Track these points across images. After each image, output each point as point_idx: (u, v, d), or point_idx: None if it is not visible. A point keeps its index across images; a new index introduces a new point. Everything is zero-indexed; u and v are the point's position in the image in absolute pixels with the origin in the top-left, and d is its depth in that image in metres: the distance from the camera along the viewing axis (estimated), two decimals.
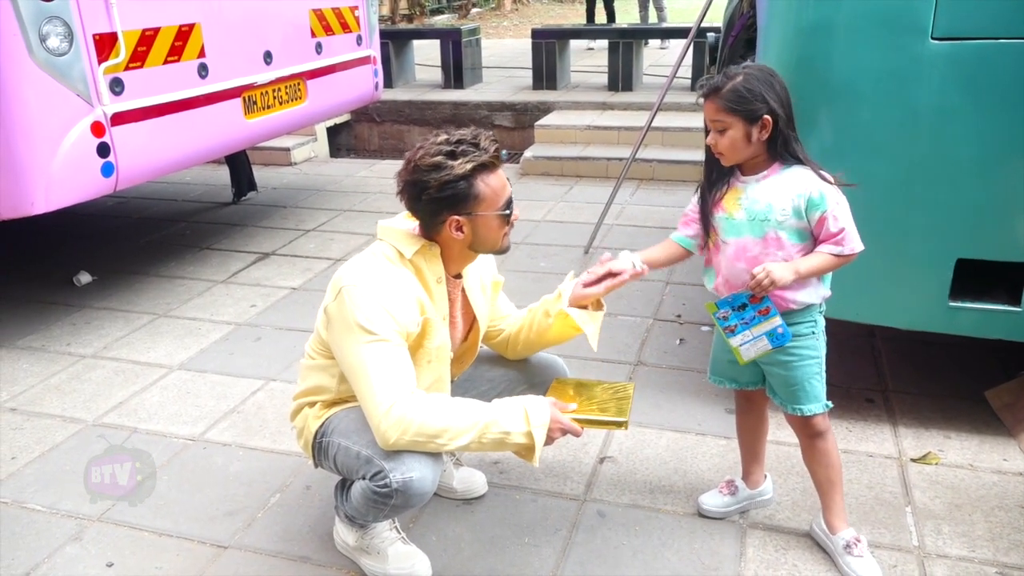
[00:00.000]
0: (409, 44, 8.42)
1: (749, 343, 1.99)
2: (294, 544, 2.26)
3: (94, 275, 4.32)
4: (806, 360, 2.02)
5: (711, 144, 1.93)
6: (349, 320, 1.83)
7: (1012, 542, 2.18)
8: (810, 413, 2.05)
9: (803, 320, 2.00)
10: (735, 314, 1.98)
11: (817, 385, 2.04)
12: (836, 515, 2.12)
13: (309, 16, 4.77)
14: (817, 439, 2.08)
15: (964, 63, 2.24)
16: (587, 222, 4.81)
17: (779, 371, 2.05)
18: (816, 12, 2.36)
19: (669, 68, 5.43)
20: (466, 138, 1.85)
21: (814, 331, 2.02)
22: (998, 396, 2.79)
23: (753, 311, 1.96)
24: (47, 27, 3.12)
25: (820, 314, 2.04)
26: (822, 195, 1.87)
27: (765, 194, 1.92)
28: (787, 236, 1.91)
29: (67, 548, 2.28)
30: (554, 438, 1.86)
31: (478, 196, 1.86)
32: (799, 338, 2.00)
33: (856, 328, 2.88)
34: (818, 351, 2.03)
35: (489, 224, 1.90)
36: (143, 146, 3.62)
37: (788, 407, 2.08)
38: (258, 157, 6.48)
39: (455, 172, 1.82)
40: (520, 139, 7.13)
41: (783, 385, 2.06)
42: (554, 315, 2.11)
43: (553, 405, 1.89)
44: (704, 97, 1.91)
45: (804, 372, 2.02)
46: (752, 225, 1.93)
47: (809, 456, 2.13)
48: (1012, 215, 2.35)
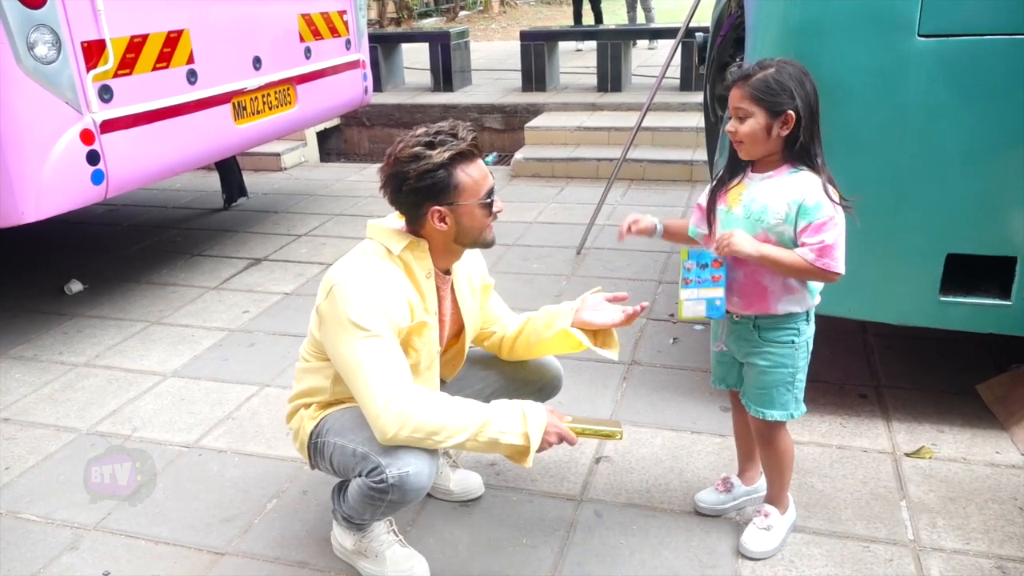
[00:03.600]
0: (398, 48, 8.42)
1: (693, 301, 1.99)
2: (292, 549, 2.26)
3: (85, 283, 4.30)
4: (779, 368, 2.01)
5: (730, 132, 1.89)
6: (341, 318, 1.84)
7: (1006, 534, 2.20)
8: (770, 419, 2.06)
9: (783, 327, 1.99)
10: (696, 270, 1.98)
11: (786, 395, 2.04)
12: (772, 496, 2.19)
13: (298, 21, 4.76)
14: (772, 443, 2.11)
15: (951, 60, 2.26)
16: (579, 223, 4.81)
17: (753, 372, 2.06)
18: (804, 11, 2.37)
19: (658, 68, 5.44)
20: (444, 129, 1.88)
21: (794, 341, 2.00)
22: (990, 389, 2.81)
23: (709, 274, 1.97)
24: (35, 35, 3.11)
25: (806, 324, 2.02)
26: (817, 205, 1.84)
27: (764, 195, 1.91)
28: (776, 240, 1.89)
29: (63, 557, 2.27)
30: (550, 442, 1.87)
31: (458, 185, 1.87)
32: (776, 344, 2.00)
33: (848, 324, 2.90)
34: (794, 362, 2.01)
35: (472, 214, 1.91)
36: (133, 153, 3.60)
37: (751, 407, 2.08)
38: (248, 163, 6.47)
39: (433, 161, 1.83)
40: (510, 141, 7.14)
41: (753, 385, 2.07)
42: (555, 330, 2.13)
43: (550, 412, 1.90)
44: (732, 83, 1.89)
45: (774, 379, 2.02)
46: (747, 223, 1.92)
47: (763, 455, 2.18)
48: (1001, 210, 2.37)
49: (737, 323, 2.05)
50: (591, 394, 2.99)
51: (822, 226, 1.84)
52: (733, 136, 1.90)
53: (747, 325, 2.02)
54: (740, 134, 1.88)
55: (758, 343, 2.02)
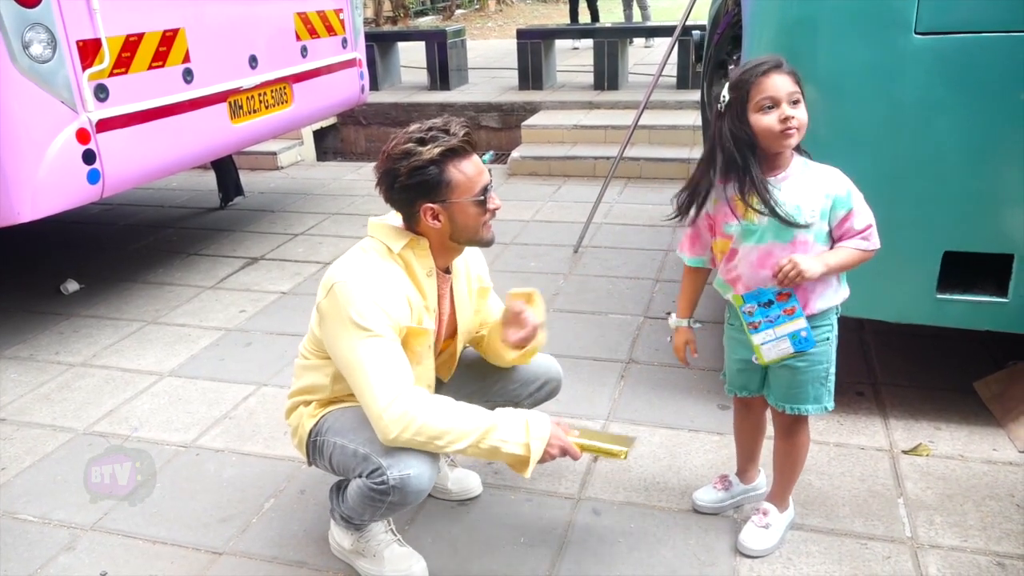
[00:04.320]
0: (394, 46, 8.41)
1: (771, 343, 1.90)
2: (289, 549, 2.26)
3: (81, 283, 4.29)
4: (815, 366, 1.97)
5: (785, 120, 1.75)
6: (342, 317, 1.83)
7: (1004, 531, 2.20)
8: (805, 413, 2.03)
9: (821, 324, 1.95)
10: (760, 310, 1.89)
11: (820, 388, 2.00)
12: (775, 495, 2.18)
13: (294, 19, 4.76)
14: (795, 436, 2.09)
15: (948, 57, 2.26)
16: (576, 221, 4.81)
17: (786, 373, 1.99)
18: (801, 8, 2.37)
19: (654, 67, 5.44)
20: (437, 125, 1.86)
21: (829, 337, 1.97)
22: (987, 387, 2.81)
23: (779, 309, 1.87)
24: (30, 34, 3.10)
25: (835, 317, 1.99)
26: (849, 193, 1.85)
27: (792, 196, 1.83)
28: (813, 238, 1.86)
29: (60, 558, 2.26)
30: (552, 455, 1.86)
31: (450, 182, 1.85)
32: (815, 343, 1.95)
33: (845, 322, 2.88)
34: (828, 357, 1.98)
35: (465, 211, 1.89)
36: (129, 152, 3.60)
37: (785, 406, 2.03)
38: (245, 162, 6.46)
39: (424, 157, 1.82)
40: (507, 139, 7.13)
41: (785, 386, 2.01)
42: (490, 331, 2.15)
43: (556, 425, 1.89)
44: (770, 71, 1.78)
45: (809, 376, 1.98)
46: (778, 230, 1.84)
47: (782, 451, 2.14)
48: (998, 207, 2.37)
49: None
50: (589, 392, 2.99)
51: (860, 210, 1.85)
52: (788, 125, 1.76)
53: None
54: (799, 119, 1.78)
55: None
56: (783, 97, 1.77)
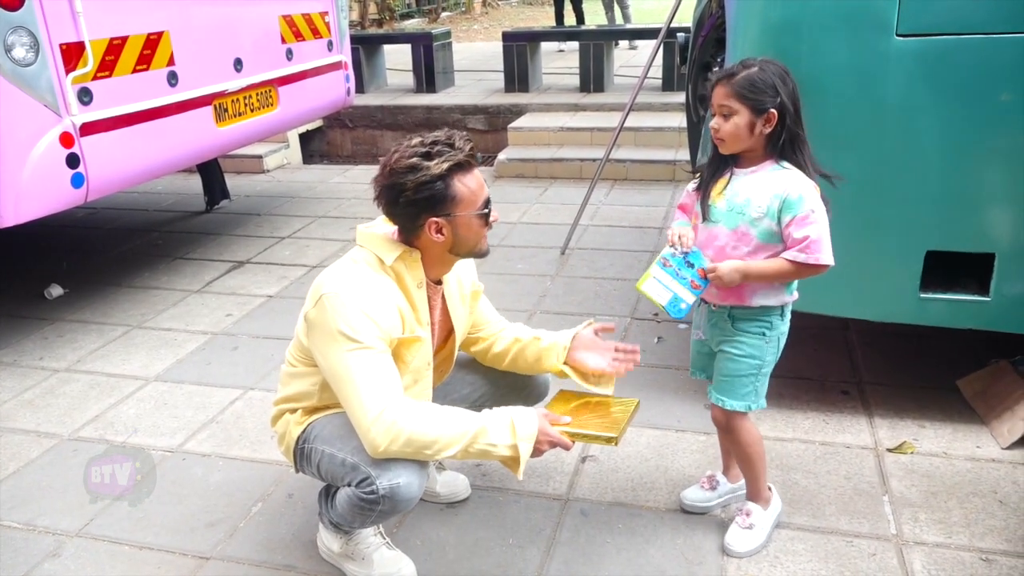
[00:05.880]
0: (380, 49, 8.39)
1: (660, 285, 1.99)
2: (278, 553, 2.25)
3: (65, 287, 4.26)
4: (746, 357, 2.05)
5: (714, 129, 1.93)
6: (331, 328, 1.81)
7: (987, 527, 2.22)
8: (728, 408, 2.09)
9: (757, 319, 2.03)
10: (679, 261, 1.98)
11: (747, 386, 2.07)
12: (750, 493, 2.21)
13: (279, 22, 4.74)
14: (732, 432, 2.14)
15: (929, 59, 2.28)
16: (563, 223, 4.82)
17: (722, 359, 2.10)
18: (784, 10, 2.39)
19: (640, 69, 5.46)
20: (440, 139, 1.84)
21: (765, 333, 2.04)
22: (970, 385, 2.84)
23: (690, 275, 1.97)
24: (12, 37, 3.07)
25: (779, 319, 2.05)
26: (800, 198, 1.88)
27: (747, 189, 1.95)
28: (756, 234, 1.94)
29: (45, 564, 2.25)
30: (542, 451, 1.86)
31: (456, 197, 1.84)
32: (747, 334, 2.04)
33: (830, 321, 2.93)
34: (762, 354, 2.05)
35: (469, 225, 1.89)
36: (113, 156, 3.57)
37: (712, 394, 2.12)
38: (230, 165, 6.43)
39: (431, 172, 1.81)
40: (493, 142, 7.13)
41: (719, 372, 2.11)
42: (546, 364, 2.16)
43: (543, 417, 1.88)
44: (716, 82, 1.93)
45: (739, 367, 2.06)
46: (728, 216, 1.97)
47: (733, 450, 2.22)
48: (979, 207, 2.40)
49: (714, 312, 2.09)
50: None
51: (805, 219, 1.88)
52: (715, 133, 1.94)
53: (723, 315, 2.07)
54: (723, 132, 1.92)
55: (731, 332, 2.06)
56: (715, 108, 1.93)
